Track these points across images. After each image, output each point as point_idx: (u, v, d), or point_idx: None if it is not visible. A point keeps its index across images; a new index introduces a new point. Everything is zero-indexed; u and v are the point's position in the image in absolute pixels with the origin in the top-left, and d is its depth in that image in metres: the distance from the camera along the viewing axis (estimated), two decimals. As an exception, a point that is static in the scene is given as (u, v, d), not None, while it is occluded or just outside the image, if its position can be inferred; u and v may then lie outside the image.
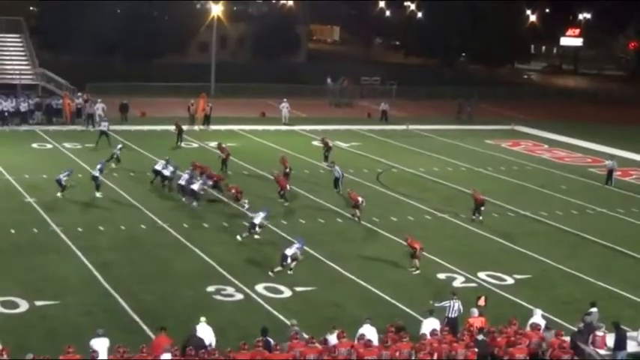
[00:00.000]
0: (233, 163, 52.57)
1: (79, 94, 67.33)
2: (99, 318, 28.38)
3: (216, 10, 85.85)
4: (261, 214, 38.23)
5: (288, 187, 45.29)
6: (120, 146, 52.18)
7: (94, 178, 44.28)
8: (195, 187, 42.99)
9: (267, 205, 40.98)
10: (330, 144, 55.44)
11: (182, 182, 43.94)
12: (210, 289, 31.83)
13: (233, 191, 43.54)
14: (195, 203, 42.85)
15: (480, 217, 43.01)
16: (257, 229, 37.83)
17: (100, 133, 56.84)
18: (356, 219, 41.99)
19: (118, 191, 45.22)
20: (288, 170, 47.90)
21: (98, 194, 43.89)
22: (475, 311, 26.74)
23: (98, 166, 44.72)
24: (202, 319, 25.11)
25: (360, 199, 42.25)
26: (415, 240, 35.57)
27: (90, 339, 24.12)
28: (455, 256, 36.96)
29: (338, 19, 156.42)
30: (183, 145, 58.12)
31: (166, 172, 45.56)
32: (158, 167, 46.23)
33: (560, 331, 26.15)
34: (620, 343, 26.33)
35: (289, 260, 33.75)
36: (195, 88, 75.10)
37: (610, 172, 53.73)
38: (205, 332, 24.73)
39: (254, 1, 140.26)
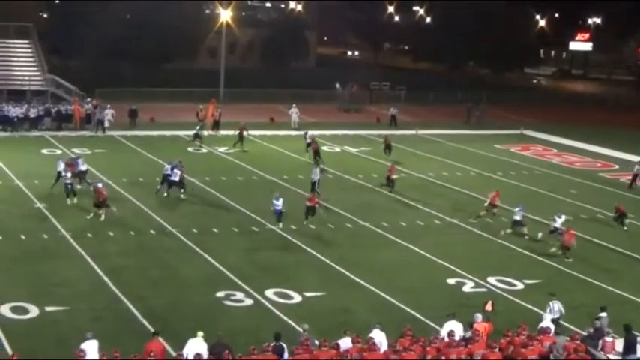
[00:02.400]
0: (242, 169, 52.69)
1: (89, 99, 67.46)
2: (109, 323, 28.41)
3: (225, 16, 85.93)
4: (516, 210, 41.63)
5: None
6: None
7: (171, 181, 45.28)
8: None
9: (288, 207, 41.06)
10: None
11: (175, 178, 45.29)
12: (220, 294, 31.83)
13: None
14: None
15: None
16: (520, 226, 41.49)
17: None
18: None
19: (127, 196, 45.27)
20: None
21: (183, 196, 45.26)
22: (479, 316, 26.63)
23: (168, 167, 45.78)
24: (200, 333, 24.45)
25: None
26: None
27: (80, 343, 23.98)
28: (465, 261, 36.89)
29: (347, 24, 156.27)
30: (191, 150, 58.24)
31: (175, 178, 45.54)
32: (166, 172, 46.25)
33: (575, 335, 26.04)
34: (630, 347, 26.24)
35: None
36: (205, 93, 75.18)
37: (635, 176, 53.93)
38: (198, 347, 23.96)
39: (263, 7, 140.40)
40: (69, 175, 43.61)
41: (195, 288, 32.51)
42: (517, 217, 41.45)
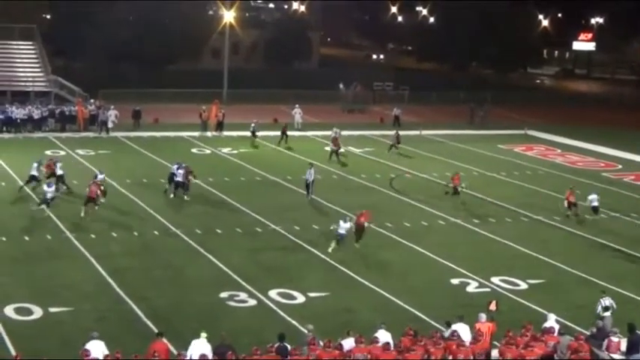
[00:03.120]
0: (246, 170, 52.71)
1: (92, 100, 67.51)
2: (113, 324, 28.43)
3: (229, 17, 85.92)
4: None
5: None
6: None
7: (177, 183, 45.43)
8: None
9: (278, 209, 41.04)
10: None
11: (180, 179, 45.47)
12: (224, 295, 31.83)
13: None
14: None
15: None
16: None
17: None
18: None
19: (131, 197, 45.31)
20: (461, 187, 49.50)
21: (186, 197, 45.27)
22: (483, 316, 26.60)
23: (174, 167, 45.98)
24: (203, 334, 24.42)
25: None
26: None
27: (85, 343, 24.01)
28: (468, 262, 36.89)
29: (351, 24, 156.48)
30: (195, 151, 58.28)
31: (179, 178, 45.58)
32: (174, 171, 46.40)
33: (579, 335, 26.02)
34: (634, 346, 26.23)
35: None
36: (208, 94, 75.15)
37: None
38: (201, 348, 23.90)
39: (266, 8, 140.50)
40: (51, 188, 42.11)
41: (199, 289, 32.53)
42: (595, 204, 44.49)
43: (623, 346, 26.53)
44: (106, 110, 64.60)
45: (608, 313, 27.89)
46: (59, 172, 45.83)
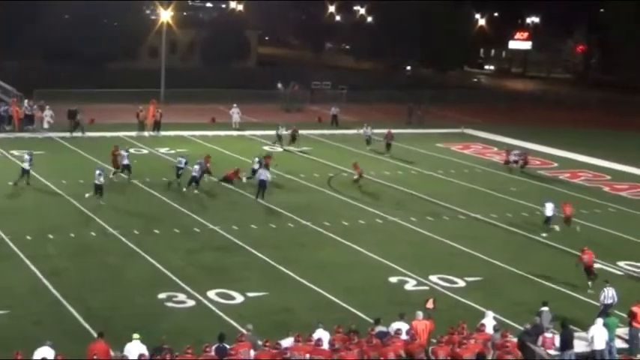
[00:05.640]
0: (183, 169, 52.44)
1: (27, 100, 66.71)
2: (49, 327, 28.08)
3: (166, 16, 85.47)
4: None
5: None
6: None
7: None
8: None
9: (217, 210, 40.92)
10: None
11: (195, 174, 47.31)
12: (162, 296, 31.65)
13: None
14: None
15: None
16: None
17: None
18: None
19: (67, 198, 44.88)
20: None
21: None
22: (420, 314, 26.73)
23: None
24: (135, 335, 24.24)
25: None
26: None
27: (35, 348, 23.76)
28: (406, 260, 37.04)
29: (288, 23, 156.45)
30: (132, 151, 57.84)
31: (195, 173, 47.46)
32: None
33: (505, 331, 26.26)
34: (567, 343, 26.50)
35: None
36: (145, 94, 74.65)
37: None
38: (137, 350, 23.74)
39: (204, 7, 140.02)
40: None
41: (137, 290, 32.31)
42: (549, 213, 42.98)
43: (558, 342, 26.82)
44: (41, 110, 63.81)
45: (545, 309, 28.11)
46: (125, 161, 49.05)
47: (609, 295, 30.18)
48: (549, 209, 42.92)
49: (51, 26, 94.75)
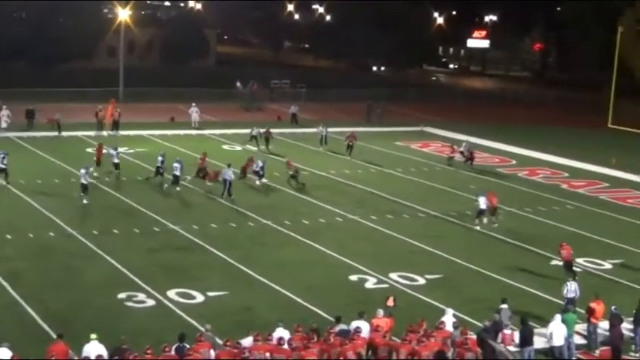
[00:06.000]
0: (143, 169, 52.23)
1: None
2: (7, 328, 27.81)
3: (124, 15, 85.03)
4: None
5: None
6: None
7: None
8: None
9: (177, 209, 40.80)
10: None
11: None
12: (122, 295, 31.52)
13: None
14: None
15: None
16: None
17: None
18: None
19: (25, 199, 44.57)
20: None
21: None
22: (380, 312, 26.79)
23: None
24: (93, 336, 24.14)
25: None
26: None
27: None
28: (367, 258, 37.12)
29: (247, 22, 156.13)
30: (91, 150, 57.54)
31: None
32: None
33: (465, 329, 26.38)
34: (527, 339, 26.67)
35: None
36: (104, 93, 74.34)
37: None
38: (96, 350, 23.65)
39: (162, 6, 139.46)
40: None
41: (97, 290, 32.14)
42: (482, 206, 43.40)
43: (517, 339, 26.97)
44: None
45: (504, 306, 28.26)
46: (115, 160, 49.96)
47: (572, 289, 30.56)
48: (482, 202, 43.52)
49: (7, 25, 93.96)
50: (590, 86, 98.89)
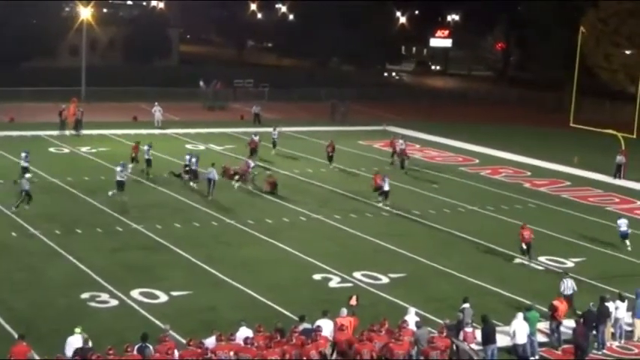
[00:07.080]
0: (106, 168, 51.98)
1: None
2: (-31, 329, 27.75)
3: (86, 14, 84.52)
4: None
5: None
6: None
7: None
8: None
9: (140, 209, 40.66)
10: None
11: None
12: (85, 295, 31.39)
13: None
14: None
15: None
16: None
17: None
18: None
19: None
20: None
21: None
22: (344, 311, 26.83)
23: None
24: (77, 329, 24.36)
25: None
26: None
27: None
28: (330, 257, 37.18)
29: (210, 21, 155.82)
30: (53, 150, 57.32)
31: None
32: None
33: (442, 327, 26.45)
34: (489, 337, 26.82)
35: None
36: (66, 92, 73.89)
37: (619, 166, 57.56)
38: (78, 343, 23.96)
39: (124, 5, 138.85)
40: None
41: (59, 290, 31.99)
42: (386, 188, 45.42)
43: (479, 337, 27.12)
44: None
45: (467, 305, 28.39)
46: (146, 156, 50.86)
47: (569, 285, 30.99)
48: (387, 184, 46.36)
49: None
50: (551, 85, 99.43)
